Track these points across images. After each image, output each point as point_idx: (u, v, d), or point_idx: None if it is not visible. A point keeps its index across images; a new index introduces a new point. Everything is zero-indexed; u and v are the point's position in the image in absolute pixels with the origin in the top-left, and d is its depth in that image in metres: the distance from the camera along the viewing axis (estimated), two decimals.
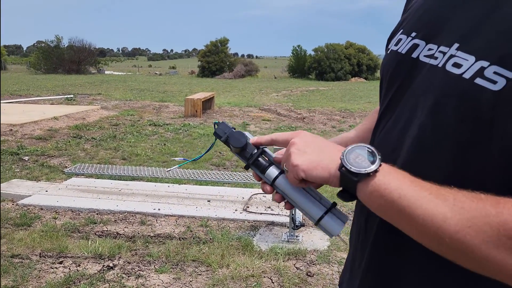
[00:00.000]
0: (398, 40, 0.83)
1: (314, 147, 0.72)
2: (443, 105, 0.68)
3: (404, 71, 0.78)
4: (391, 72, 0.82)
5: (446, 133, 0.67)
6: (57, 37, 40.58)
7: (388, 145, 0.78)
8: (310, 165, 0.69)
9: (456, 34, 0.70)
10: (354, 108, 14.06)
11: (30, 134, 8.20)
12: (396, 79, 0.80)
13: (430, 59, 0.73)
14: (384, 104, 0.84)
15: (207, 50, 41.19)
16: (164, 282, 3.03)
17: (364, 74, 38.77)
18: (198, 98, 11.52)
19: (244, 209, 4.39)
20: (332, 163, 0.68)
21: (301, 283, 3.07)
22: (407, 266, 0.74)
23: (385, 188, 0.62)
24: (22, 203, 4.41)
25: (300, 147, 0.72)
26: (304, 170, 0.69)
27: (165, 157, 6.80)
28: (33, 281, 2.99)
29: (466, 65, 0.66)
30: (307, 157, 0.70)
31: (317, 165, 0.69)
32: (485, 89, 0.62)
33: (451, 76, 0.67)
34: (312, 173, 0.68)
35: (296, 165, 0.69)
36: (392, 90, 0.81)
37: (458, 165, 0.66)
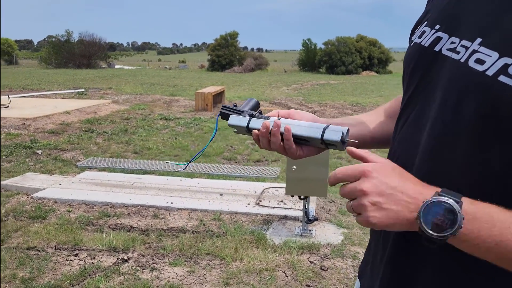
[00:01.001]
0: (422, 32, 0.82)
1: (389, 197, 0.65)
2: (465, 102, 0.67)
3: (427, 64, 0.77)
4: (413, 65, 0.81)
5: (466, 129, 0.67)
6: (68, 32, 40.82)
7: (410, 139, 0.78)
8: (388, 222, 0.65)
9: (477, 28, 0.69)
10: (365, 102, 13.97)
11: (43, 128, 8.26)
12: (418, 72, 0.79)
13: (452, 53, 0.72)
14: (406, 97, 0.83)
15: (217, 44, 41.13)
16: (178, 275, 3.04)
17: (376, 68, 38.44)
18: (209, 92, 11.52)
19: (257, 203, 4.39)
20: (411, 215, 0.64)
21: (315, 277, 3.06)
22: (427, 262, 0.74)
23: (475, 238, 0.61)
24: (36, 196, 4.45)
25: (375, 200, 0.65)
26: (382, 227, 0.66)
27: (176, 151, 6.81)
28: (49, 273, 3.02)
29: (489, 62, 0.65)
30: (384, 213, 0.65)
31: (395, 221, 0.65)
32: (509, 86, 0.61)
33: (474, 73, 0.66)
34: (391, 228, 0.66)
35: (373, 223, 0.65)
36: (414, 83, 0.80)
37: (476, 162, 0.66)
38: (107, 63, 42.10)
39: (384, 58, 39.54)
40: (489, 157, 0.64)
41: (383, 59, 39.41)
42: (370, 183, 0.66)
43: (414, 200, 0.64)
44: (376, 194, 0.65)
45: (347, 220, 4.09)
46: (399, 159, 0.78)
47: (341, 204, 4.54)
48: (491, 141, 0.64)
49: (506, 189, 0.63)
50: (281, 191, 4.69)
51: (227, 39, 41.55)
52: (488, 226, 0.60)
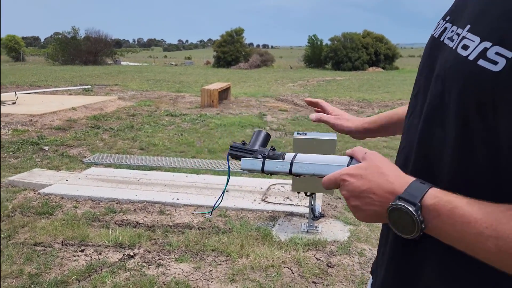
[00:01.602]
0: (437, 24, 0.83)
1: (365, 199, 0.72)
2: (451, 87, 0.67)
3: (433, 54, 0.78)
4: (426, 56, 0.82)
5: (451, 115, 0.67)
6: (74, 29, 41.00)
7: (412, 129, 0.80)
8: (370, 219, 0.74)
9: (470, 16, 0.70)
10: (372, 98, 13.90)
11: (50, 125, 8.30)
12: (427, 63, 0.80)
13: (449, 41, 0.73)
14: (417, 86, 0.84)
15: (223, 40, 41.12)
16: (184, 271, 3.04)
17: (382, 64, 38.27)
18: (215, 88, 11.51)
19: (263, 199, 4.38)
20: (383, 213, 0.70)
21: (322, 274, 3.04)
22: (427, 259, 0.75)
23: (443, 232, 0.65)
24: (43, 192, 4.47)
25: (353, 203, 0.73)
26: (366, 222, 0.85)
27: (182, 147, 6.82)
28: (55, 268, 3.03)
29: (472, 47, 0.65)
30: (363, 214, 0.73)
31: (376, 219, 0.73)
32: (487, 70, 0.61)
33: (460, 58, 0.66)
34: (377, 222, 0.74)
35: (358, 219, 0.75)
36: (424, 73, 0.81)
37: (462, 148, 0.66)
38: (113, 60, 42.23)
39: (391, 54, 39.35)
40: (474, 143, 0.64)
41: (389, 55, 39.23)
42: (345, 190, 0.74)
43: (385, 199, 0.69)
44: (353, 198, 0.73)
45: (354, 217, 4.07)
46: (404, 149, 0.82)
47: None
48: (476, 126, 0.63)
49: (492, 176, 0.64)
50: (287, 187, 4.68)
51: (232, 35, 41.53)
52: (451, 222, 0.62)
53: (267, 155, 0.88)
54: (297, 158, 0.84)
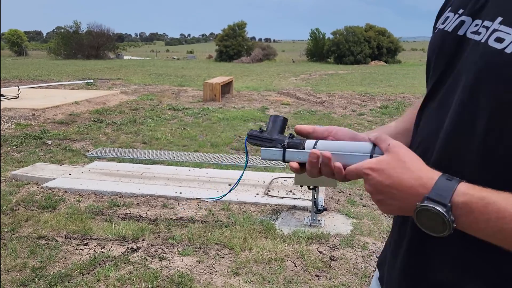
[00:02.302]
0: (446, 18, 0.80)
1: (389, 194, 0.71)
2: (482, 81, 0.65)
3: (450, 50, 0.75)
4: (438, 51, 0.79)
5: (483, 110, 0.65)
6: (76, 23, 40.96)
7: (433, 125, 0.76)
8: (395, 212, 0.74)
9: (500, 8, 0.67)
10: (374, 92, 13.86)
11: (53, 119, 8.30)
12: (444, 58, 0.77)
13: (474, 35, 0.70)
14: (430, 85, 0.81)
15: (225, 34, 41.01)
16: (188, 265, 3.04)
17: (384, 57, 38.11)
18: (217, 82, 11.49)
19: (266, 193, 4.38)
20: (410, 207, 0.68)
21: (325, 267, 3.05)
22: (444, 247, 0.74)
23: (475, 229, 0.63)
24: (46, 186, 4.48)
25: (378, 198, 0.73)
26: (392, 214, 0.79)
27: (185, 141, 6.82)
28: (59, 262, 3.04)
29: (508, 39, 0.62)
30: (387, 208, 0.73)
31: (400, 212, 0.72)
32: None
33: (493, 51, 0.64)
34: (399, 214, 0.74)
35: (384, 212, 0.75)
36: (440, 69, 0.78)
37: (492, 145, 0.64)
38: (115, 54, 42.21)
39: (393, 48, 39.17)
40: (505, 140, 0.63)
41: (392, 48, 39.04)
42: (368, 185, 0.73)
43: (409, 196, 0.67)
44: (376, 193, 0.72)
45: (357, 210, 4.07)
46: (421, 145, 0.79)
47: (350, 194, 4.51)
48: (508, 122, 0.62)
49: None
50: (290, 181, 4.67)
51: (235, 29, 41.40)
52: (485, 218, 0.60)
53: (286, 144, 0.85)
54: (318, 146, 0.82)
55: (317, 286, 2.83)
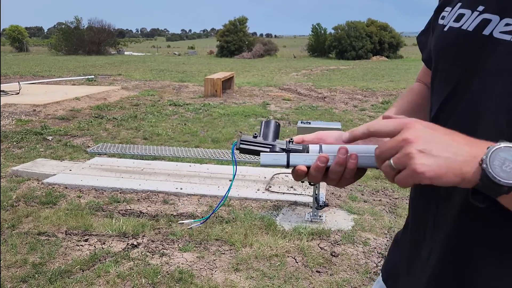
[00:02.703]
0: (459, 15, 0.73)
1: (438, 143, 0.57)
2: None
3: (473, 51, 0.69)
4: (454, 52, 0.72)
5: None
6: (76, 18, 40.92)
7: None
8: (439, 171, 0.56)
9: None
10: (376, 87, 13.81)
11: (53, 114, 8.29)
12: (464, 60, 0.70)
13: (505, 35, 0.64)
14: (448, 88, 0.74)
15: (226, 29, 40.88)
16: (188, 261, 3.03)
17: (386, 53, 37.97)
18: (218, 77, 11.45)
19: (267, 188, 4.36)
20: (467, 167, 0.56)
21: (326, 263, 3.03)
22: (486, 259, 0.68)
23: None
24: (47, 181, 4.47)
25: (421, 146, 0.57)
26: (431, 177, 0.56)
27: (186, 136, 6.80)
28: (59, 258, 3.04)
29: None
30: (433, 160, 0.56)
31: (447, 170, 0.56)
32: None
33: None
34: (441, 180, 0.56)
35: (421, 172, 0.56)
36: (458, 72, 0.71)
37: None
38: (116, 50, 42.13)
39: (395, 43, 39.01)
40: None
41: (394, 43, 38.89)
42: (414, 131, 0.58)
43: (470, 148, 0.57)
44: (424, 141, 0.57)
45: (358, 206, 4.05)
46: None
47: (352, 190, 4.49)
48: None
49: None
50: (291, 176, 4.65)
51: (236, 24, 41.27)
52: None
53: (289, 148, 0.77)
54: (324, 150, 0.75)
55: (318, 282, 2.81)
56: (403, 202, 4.16)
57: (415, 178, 0.57)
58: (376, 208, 4.01)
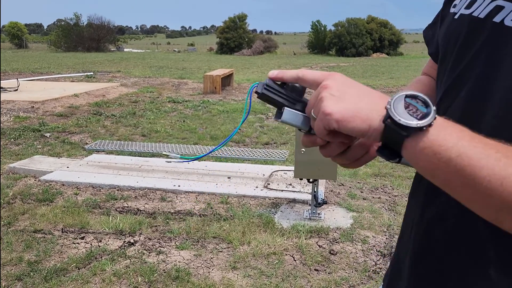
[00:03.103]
0: (470, 2, 0.70)
1: (353, 93, 0.58)
2: None
3: (483, 39, 0.66)
4: (463, 39, 0.69)
5: None
6: (76, 15, 40.80)
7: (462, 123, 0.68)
8: (346, 114, 0.56)
9: None
10: (376, 84, 13.77)
11: (51, 111, 8.26)
12: (471, 47, 0.67)
13: None
14: (452, 76, 0.71)
15: (226, 26, 40.81)
16: (185, 259, 3.01)
17: (386, 50, 37.90)
18: (217, 74, 11.41)
19: (265, 186, 4.33)
20: (374, 113, 0.55)
21: (324, 261, 3.01)
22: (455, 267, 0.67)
23: (439, 144, 0.52)
24: (44, 179, 4.44)
25: (335, 92, 0.57)
26: (338, 120, 0.55)
27: (184, 133, 6.77)
28: (55, 256, 3.01)
29: None
30: (343, 104, 0.56)
31: (354, 114, 0.55)
32: None
33: None
34: (348, 124, 0.55)
35: (328, 113, 0.56)
36: (465, 60, 0.68)
37: None
38: (116, 47, 42.05)
39: (395, 40, 38.95)
40: None
41: (394, 40, 38.83)
42: (333, 79, 0.59)
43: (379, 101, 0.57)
44: (339, 87, 0.58)
45: (357, 203, 4.02)
46: None
47: (351, 187, 4.46)
48: None
49: None
50: (290, 174, 4.63)
51: (235, 21, 41.20)
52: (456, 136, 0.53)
53: None
54: None
55: (316, 280, 2.79)
56: (403, 199, 4.13)
57: (324, 122, 0.57)
58: (375, 205, 3.98)
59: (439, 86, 0.77)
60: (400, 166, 5.22)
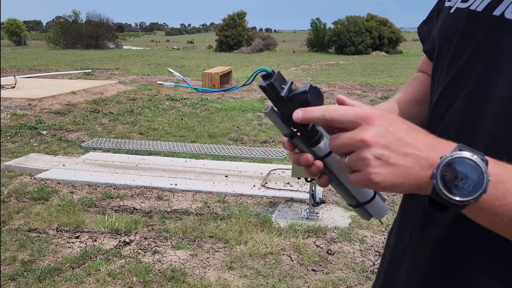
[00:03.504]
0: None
1: (398, 148, 0.52)
2: None
3: (482, 33, 0.62)
4: (461, 34, 0.66)
5: None
6: (75, 12, 40.68)
7: (462, 122, 0.64)
8: (395, 181, 0.52)
9: None
10: (375, 82, 13.72)
11: (49, 109, 8.21)
12: (470, 42, 0.64)
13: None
14: (450, 74, 0.67)
15: (225, 24, 40.71)
16: (181, 259, 2.97)
17: (386, 48, 37.83)
18: (216, 72, 11.36)
19: (263, 185, 4.30)
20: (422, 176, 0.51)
21: (321, 261, 2.97)
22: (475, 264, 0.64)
23: (499, 204, 0.49)
24: (39, 177, 4.39)
25: (379, 152, 0.52)
26: (386, 187, 0.52)
27: (182, 131, 6.72)
28: (49, 255, 2.97)
29: None
30: (390, 170, 0.52)
31: (403, 181, 0.52)
32: None
33: None
34: (395, 189, 0.53)
35: (376, 182, 0.52)
36: (464, 56, 0.65)
37: None
38: (115, 44, 41.93)
39: (395, 38, 38.87)
40: None
41: (393, 38, 38.75)
42: (373, 132, 0.52)
43: (427, 155, 0.52)
44: (382, 145, 0.52)
45: None
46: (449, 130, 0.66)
47: None
48: None
49: None
50: (288, 172, 4.59)
51: (235, 19, 41.10)
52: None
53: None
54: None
55: (313, 281, 2.75)
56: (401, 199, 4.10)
57: (369, 185, 0.53)
58: None
59: (436, 85, 0.73)
60: None
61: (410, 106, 0.83)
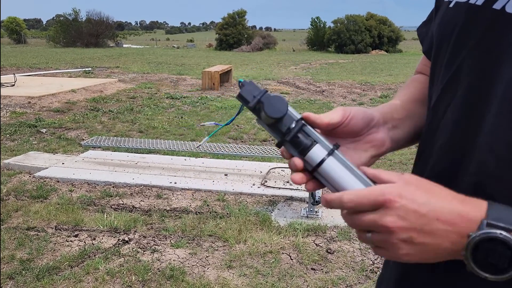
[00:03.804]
0: None
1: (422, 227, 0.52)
2: None
3: (482, 28, 0.60)
4: (460, 30, 0.63)
5: None
6: (75, 10, 40.58)
7: (462, 124, 0.62)
8: (426, 256, 0.54)
9: None
10: (375, 81, 13.71)
11: (48, 107, 8.19)
12: (470, 38, 0.61)
13: None
14: (449, 72, 0.65)
15: (225, 22, 40.64)
16: (180, 257, 2.96)
17: (385, 47, 37.77)
18: (216, 70, 11.35)
19: (262, 183, 4.29)
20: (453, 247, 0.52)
21: (321, 260, 2.96)
22: None
23: None
24: (38, 175, 4.38)
25: (404, 236, 0.53)
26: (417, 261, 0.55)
27: (182, 130, 6.71)
28: (48, 254, 2.96)
29: None
30: (418, 248, 0.53)
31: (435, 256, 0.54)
32: None
33: None
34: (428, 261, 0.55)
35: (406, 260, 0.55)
36: (462, 53, 0.62)
37: None
38: (115, 42, 41.88)
39: (394, 37, 38.80)
40: None
41: (393, 37, 38.68)
42: (394, 217, 0.52)
43: (454, 228, 0.52)
44: (405, 229, 0.52)
45: None
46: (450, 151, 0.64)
47: None
48: None
49: None
50: (287, 171, 4.58)
51: (235, 17, 41.03)
52: None
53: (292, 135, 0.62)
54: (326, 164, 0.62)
55: (312, 280, 2.74)
56: None
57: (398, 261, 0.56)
58: None
59: (435, 84, 0.70)
60: (399, 164, 5.18)
61: (413, 106, 0.81)
